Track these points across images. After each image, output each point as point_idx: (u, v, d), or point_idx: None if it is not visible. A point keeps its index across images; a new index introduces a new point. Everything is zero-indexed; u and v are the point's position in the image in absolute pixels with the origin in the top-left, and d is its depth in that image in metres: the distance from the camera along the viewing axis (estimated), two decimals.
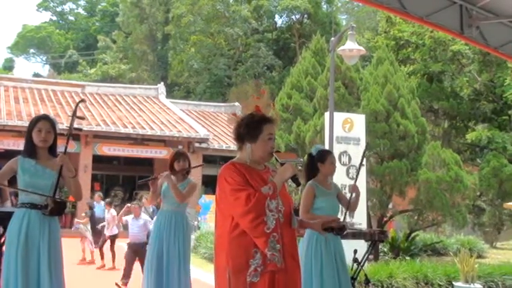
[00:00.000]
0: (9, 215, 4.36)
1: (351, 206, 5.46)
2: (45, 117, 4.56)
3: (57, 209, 4.27)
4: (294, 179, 3.35)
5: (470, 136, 20.55)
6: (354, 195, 5.44)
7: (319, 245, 5.21)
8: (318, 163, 5.40)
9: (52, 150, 4.51)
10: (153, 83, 33.57)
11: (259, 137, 3.40)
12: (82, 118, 4.85)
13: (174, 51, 40.01)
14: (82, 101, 5.35)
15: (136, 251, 9.53)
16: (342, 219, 5.32)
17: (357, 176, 5.79)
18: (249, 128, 3.42)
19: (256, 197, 3.21)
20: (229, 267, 3.21)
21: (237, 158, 3.47)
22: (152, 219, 14.59)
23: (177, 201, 6.01)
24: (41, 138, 4.39)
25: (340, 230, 5.06)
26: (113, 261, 11.97)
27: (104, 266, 12.12)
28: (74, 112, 4.54)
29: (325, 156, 5.40)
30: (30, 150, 4.42)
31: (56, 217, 4.38)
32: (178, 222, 6.07)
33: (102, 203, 15.53)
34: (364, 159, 5.85)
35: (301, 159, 3.52)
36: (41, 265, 4.18)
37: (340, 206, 5.53)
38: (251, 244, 3.21)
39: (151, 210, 14.80)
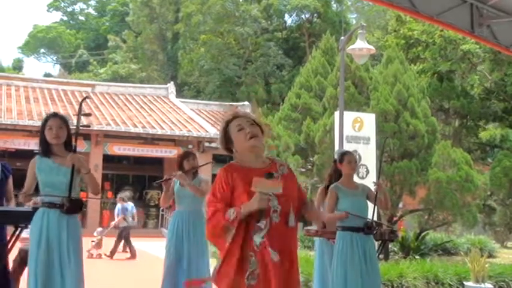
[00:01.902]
0: (22, 214, 4.42)
1: (380, 205, 5.72)
2: (54, 115, 4.61)
3: (74, 207, 4.35)
4: (260, 213, 3.14)
5: (483, 135, 20.44)
6: (378, 194, 5.64)
7: (345, 246, 5.28)
8: (339, 165, 5.67)
9: (68, 145, 4.56)
10: (163, 83, 33.63)
11: (232, 136, 3.36)
12: (89, 115, 4.88)
13: (184, 51, 40.06)
14: (86, 97, 5.41)
15: (24, 259, 8.33)
16: (370, 219, 5.42)
17: (378, 174, 5.87)
18: (223, 137, 3.42)
19: (214, 219, 3.17)
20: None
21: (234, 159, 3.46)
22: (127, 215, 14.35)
23: (192, 196, 6.01)
24: (53, 135, 4.44)
25: (369, 229, 5.22)
26: None
27: None
28: (79, 110, 4.59)
29: (342, 156, 5.64)
30: (45, 149, 4.49)
31: (76, 215, 4.46)
32: (196, 220, 6.08)
33: (130, 204, 14.93)
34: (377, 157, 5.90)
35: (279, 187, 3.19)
36: (62, 262, 4.25)
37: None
38: (247, 247, 3.19)
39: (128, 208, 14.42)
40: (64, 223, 4.32)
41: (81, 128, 4.68)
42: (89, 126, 4.30)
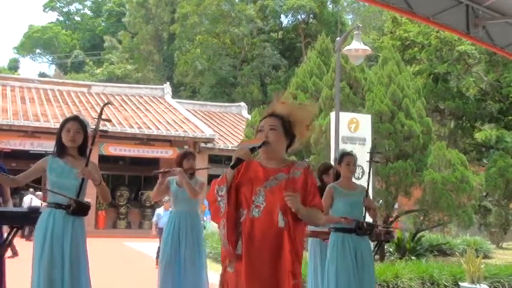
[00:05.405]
0: (18, 215, 4.43)
1: (369, 213, 5.65)
2: (74, 118, 4.68)
3: (79, 209, 4.36)
4: (235, 161, 3.17)
5: (479, 135, 20.47)
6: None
7: (336, 247, 5.28)
8: (337, 166, 5.64)
9: (82, 150, 4.62)
10: (159, 83, 33.62)
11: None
12: (108, 120, 4.91)
13: (180, 51, 40.07)
14: (108, 103, 5.41)
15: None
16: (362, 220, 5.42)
17: (368, 185, 5.84)
18: (256, 131, 3.45)
19: (211, 186, 3.28)
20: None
21: None
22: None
23: (189, 198, 6.01)
24: (70, 138, 4.50)
25: (360, 230, 5.22)
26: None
27: None
28: (100, 115, 4.61)
29: (341, 158, 5.59)
30: (60, 150, 4.53)
31: (82, 217, 4.46)
32: (193, 222, 6.09)
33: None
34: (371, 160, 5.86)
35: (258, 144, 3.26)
36: (65, 262, 4.27)
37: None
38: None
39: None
40: (69, 224, 4.33)
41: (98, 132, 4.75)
42: (106, 131, 4.32)
